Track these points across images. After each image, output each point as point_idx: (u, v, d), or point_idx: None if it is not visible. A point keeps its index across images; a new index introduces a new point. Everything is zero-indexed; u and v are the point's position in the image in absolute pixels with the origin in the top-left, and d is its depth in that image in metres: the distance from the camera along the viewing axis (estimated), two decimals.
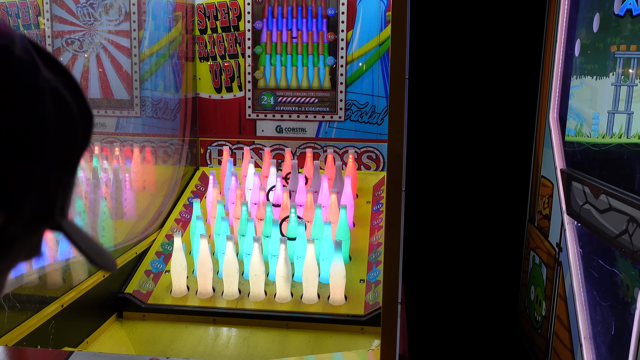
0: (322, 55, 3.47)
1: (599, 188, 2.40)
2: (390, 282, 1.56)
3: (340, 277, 2.54)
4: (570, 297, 2.70)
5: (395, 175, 1.52)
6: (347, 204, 2.89)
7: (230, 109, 3.61)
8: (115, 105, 3.33)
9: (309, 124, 3.54)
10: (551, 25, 3.26)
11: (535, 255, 3.42)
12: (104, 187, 2.98)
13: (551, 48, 3.23)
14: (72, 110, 0.57)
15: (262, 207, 2.90)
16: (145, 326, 2.56)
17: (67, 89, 0.57)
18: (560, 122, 3.13)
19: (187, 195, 3.40)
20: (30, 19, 3.39)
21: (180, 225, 3.16)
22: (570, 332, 2.68)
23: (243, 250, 2.77)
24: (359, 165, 3.51)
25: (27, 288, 2.13)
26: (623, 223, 2.14)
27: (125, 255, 2.75)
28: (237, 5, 3.51)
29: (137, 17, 3.31)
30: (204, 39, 3.57)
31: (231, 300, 2.62)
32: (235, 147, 3.63)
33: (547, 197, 3.21)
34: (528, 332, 3.52)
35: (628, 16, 2.57)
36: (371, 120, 3.48)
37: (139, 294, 2.64)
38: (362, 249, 2.90)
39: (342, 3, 3.40)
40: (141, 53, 3.34)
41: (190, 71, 3.57)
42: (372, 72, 3.45)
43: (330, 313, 2.51)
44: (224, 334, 2.53)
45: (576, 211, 2.70)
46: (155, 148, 3.39)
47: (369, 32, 3.43)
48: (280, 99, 3.54)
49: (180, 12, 3.47)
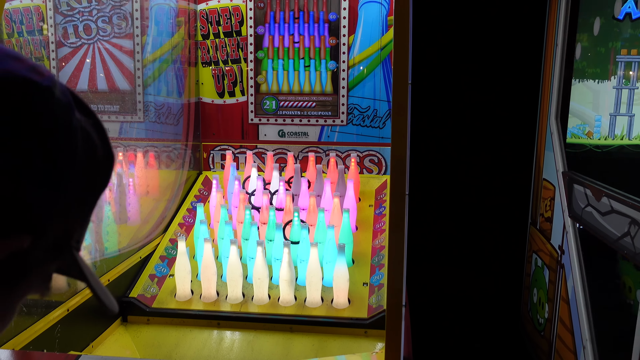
0: (324, 60, 3.48)
1: (600, 190, 2.41)
2: (395, 285, 1.57)
3: (343, 281, 2.55)
4: (572, 300, 2.71)
5: (398, 178, 1.53)
6: (349, 208, 2.90)
7: (233, 113, 3.63)
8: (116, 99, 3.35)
9: (312, 128, 3.56)
10: (551, 29, 3.27)
11: (537, 257, 3.43)
12: (107, 192, 2.99)
13: (552, 51, 3.24)
14: (98, 151, 0.63)
15: (265, 211, 2.91)
16: (150, 330, 2.57)
17: (95, 130, 0.63)
18: (561, 124, 3.14)
19: (190, 199, 3.42)
20: (34, 25, 3.41)
21: (183, 230, 3.18)
22: (573, 335, 2.69)
23: (247, 254, 2.78)
24: (361, 169, 3.52)
25: None
26: (625, 225, 2.15)
27: (129, 259, 2.76)
28: (239, 11, 3.53)
29: (139, 22, 3.34)
30: (207, 44, 3.59)
31: (235, 304, 2.63)
32: (238, 151, 3.64)
33: (549, 199, 3.22)
34: (531, 335, 3.53)
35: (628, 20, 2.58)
36: (373, 124, 3.50)
37: (143, 298, 2.65)
38: (365, 252, 2.91)
39: (343, 8, 3.43)
40: (144, 58, 3.36)
41: (193, 76, 3.59)
42: (373, 76, 3.47)
43: (333, 316, 2.52)
44: (228, 337, 2.53)
45: (578, 214, 2.71)
46: (158, 153, 3.41)
47: (370, 37, 3.44)
48: (283, 103, 3.56)
49: (183, 17, 3.49)
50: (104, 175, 0.65)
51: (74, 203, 0.60)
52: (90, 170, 0.62)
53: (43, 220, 0.56)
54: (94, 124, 0.63)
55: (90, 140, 0.61)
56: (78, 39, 3.33)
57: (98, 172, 0.64)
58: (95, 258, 2.57)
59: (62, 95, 0.57)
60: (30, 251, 0.56)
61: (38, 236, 0.56)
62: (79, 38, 3.34)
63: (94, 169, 0.63)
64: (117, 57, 3.35)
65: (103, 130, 0.64)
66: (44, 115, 0.55)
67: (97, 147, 0.62)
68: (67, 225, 0.61)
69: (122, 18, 3.31)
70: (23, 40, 3.43)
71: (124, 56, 3.35)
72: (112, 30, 3.31)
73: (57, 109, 0.56)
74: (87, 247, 2.60)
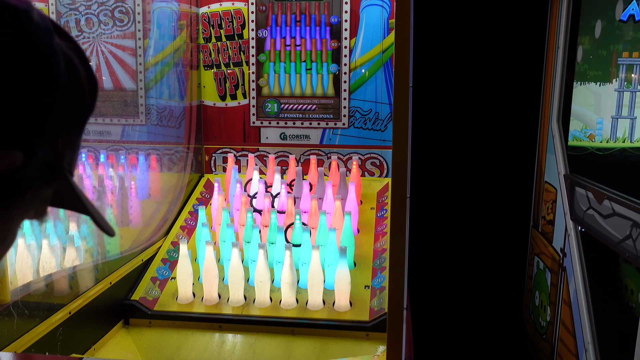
0: (325, 63, 3.49)
1: (602, 193, 2.41)
2: (396, 287, 1.57)
3: (345, 284, 2.55)
4: (574, 303, 2.70)
5: (399, 182, 1.53)
6: (351, 210, 2.90)
7: (235, 116, 3.64)
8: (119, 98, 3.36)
9: (313, 131, 3.56)
10: (553, 32, 3.27)
11: (539, 260, 3.43)
12: (109, 195, 3.00)
13: (553, 54, 3.24)
14: (81, 74, 0.64)
15: (267, 213, 2.91)
16: (152, 333, 2.57)
17: (76, 55, 0.64)
18: (563, 127, 3.14)
19: (192, 202, 3.42)
20: None
21: (185, 232, 3.18)
22: (575, 338, 2.69)
23: (248, 256, 2.78)
24: (363, 172, 3.52)
25: (35, 295, 2.15)
26: (627, 228, 2.15)
27: (131, 262, 2.77)
28: (241, 14, 3.54)
29: (142, 25, 3.35)
30: (209, 47, 3.60)
31: (237, 307, 2.63)
32: (240, 154, 3.65)
33: (550, 202, 3.22)
34: (533, 338, 3.52)
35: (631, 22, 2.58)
36: (375, 127, 3.50)
37: (145, 300, 2.66)
38: (366, 255, 2.91)
39: (345, 11, 3.43)
40: (146, 61, 3.37)
41: (194, 79, 3.60)
42: (375, 79, 3.47)
43: (335, 319, 2.52)
44: (229, 340, 2.54)
45: (580, 216, 2.71)
46: (160, 155, 3.41)
47: (372, 40, 3.45)
48: (284, 106, 3.57)
49: (185, 20, 3.50)
50: (90, 97, 0.66)
51: (62, 124, 0.62)
52: (75, 94, 0.63)
53: (33, 138, 0.58)
54: (74, 49, 0.64)
55: (72, 63, 0.63)
56: (80, 33, 3.34)
57: (83, 94, 0.65)
58: (97, 261, 2.57)
59: (40, 20, 0.59)
60: (23, 169, 0.58)
61: (29, 155, 0.58)
62: (81, 32, 3.34)
63: (79, 92, 0.64)
64: (119, 59, 3.36)
65: (83, 55, 0.66)
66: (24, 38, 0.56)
67: (80, 71, 0.64)
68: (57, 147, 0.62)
69: (124, 12, 3.31)
70: None
71: (126, 58, 3.36)
72: (114, 25, 3.32)
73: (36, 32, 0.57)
74: (89, 250, 2.61)
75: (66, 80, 0.61)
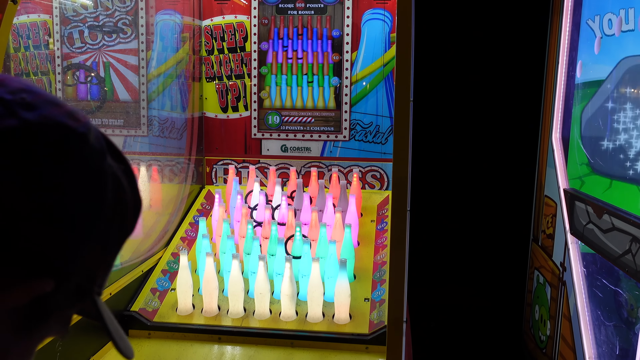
0: (327, 76, 3.51)
1: (602, 208, 2.42)
2: (396, 300, 1.58)
3: (345, 296, 2.55)
4: (574, 317, 2.70)
5: (400, 196, 1.54)
6: (351, 223, 2.91)
7: (236, 128, 3.65)
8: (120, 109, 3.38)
9: (314, 143, 3.58)
10: (553, 47, 3.30)
11: (539, 274, 3.43)
12: None
13: (553, 69, 3.27)
14: (126, 197, 0.63)
15: (267, 225, 2.92)
16: (151, 344, 2.57)
17: (125, 176, 0.64)
18: (563, 142, 3.15)
19: (192, 213, 3.43)
20: (41, 39, 3.45)
21: (186, 244, 3.18)
22: (575, 352, 2.68)
23: (248, 268, 2.79)
24: (363, 184, 3.53)
25: None
26: (626, 243, 2.16)
27: (131, 273, 2.77)
28: (244, 27, 3.57)
29: (145, 37, 3.37)
30: (211, 60, 3.63)
31: (236, 319, 2.63)
32: (241, 166, 3.66)
33: (550, 216, 3.22)
34: (532, 352, 3.51)
35: None
36: (375, 140, 3.52)
37: (144, 312, 2.66)
38: (366, 267, 2.91)
39: (346, 25, 3.46)
40: (149, 73, 3.40)
41: (196, 91, 3.62)
42: (376, 92, 3.49)
43: (335, 332, 2.51)
44: (229, 352, 2.53)
45: (580, 231, 2.71)
46: (161, 167, 3.43)
47: (373, 53, 3.47)
48: (286, 118, 3.59)
49: (188, 33, 3.53)
50: (131, 221, 0.65)
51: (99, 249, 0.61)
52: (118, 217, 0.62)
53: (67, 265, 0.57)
54: (124, 170, 0.64)
55: (119, 186, 0.62)
56: (83, 44, 3.37)
57: (125, 218, 0.64)
58: None
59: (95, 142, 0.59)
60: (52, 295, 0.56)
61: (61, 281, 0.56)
62: (84, 44, 3.37)
63: (121, 215, 0.63)
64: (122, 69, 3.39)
65: (133, 176, 0.65)
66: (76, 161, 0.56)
67: (126, 193, 0.63)
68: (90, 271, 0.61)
69: (127, 24, 3.35)
70: (29, 55, 3.47)
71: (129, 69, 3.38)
72: (117, 37, 3.35)
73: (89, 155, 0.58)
74: None
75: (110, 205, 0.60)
